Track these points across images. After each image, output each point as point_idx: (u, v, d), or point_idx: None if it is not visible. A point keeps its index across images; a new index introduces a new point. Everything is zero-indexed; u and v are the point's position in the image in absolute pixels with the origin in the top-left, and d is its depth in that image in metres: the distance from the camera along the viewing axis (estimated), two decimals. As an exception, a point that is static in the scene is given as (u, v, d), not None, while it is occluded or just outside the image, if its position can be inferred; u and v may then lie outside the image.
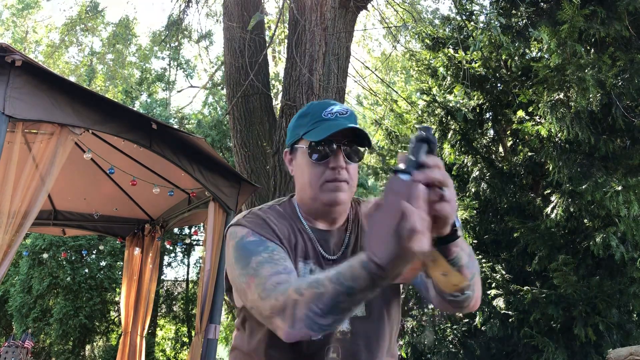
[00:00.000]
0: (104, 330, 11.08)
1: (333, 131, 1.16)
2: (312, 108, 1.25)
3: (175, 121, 12.87)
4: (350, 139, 1.20)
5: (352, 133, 1.20)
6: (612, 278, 4.91)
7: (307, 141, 1.20)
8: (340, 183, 1.19)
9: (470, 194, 5.76)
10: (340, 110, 1.22)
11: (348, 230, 1.28)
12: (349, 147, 1.20)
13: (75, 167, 4.41)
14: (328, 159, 1.19)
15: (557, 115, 4.83)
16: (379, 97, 9.55)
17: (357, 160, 1.23)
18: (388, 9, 8.93)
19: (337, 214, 1.25)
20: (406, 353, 5.84)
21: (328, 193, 1.19)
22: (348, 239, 1.26)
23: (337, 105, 1.24)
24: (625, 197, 4.44)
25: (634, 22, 4.89)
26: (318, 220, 1.26)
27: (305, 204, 1.26)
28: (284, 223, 1.23)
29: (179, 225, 6.96)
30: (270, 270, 1.06)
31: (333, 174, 1.18)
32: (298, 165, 1.25)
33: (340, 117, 1.20)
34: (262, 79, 5.77)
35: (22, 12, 15.69)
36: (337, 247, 1.25)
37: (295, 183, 1.28)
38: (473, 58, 5.76)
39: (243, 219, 1.21)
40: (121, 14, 31.54)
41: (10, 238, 2.75)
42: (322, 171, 1.19)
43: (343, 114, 1.21)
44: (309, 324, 0.95)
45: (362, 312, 1.19)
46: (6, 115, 2.73)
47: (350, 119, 1.21)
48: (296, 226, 1.24)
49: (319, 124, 1.20)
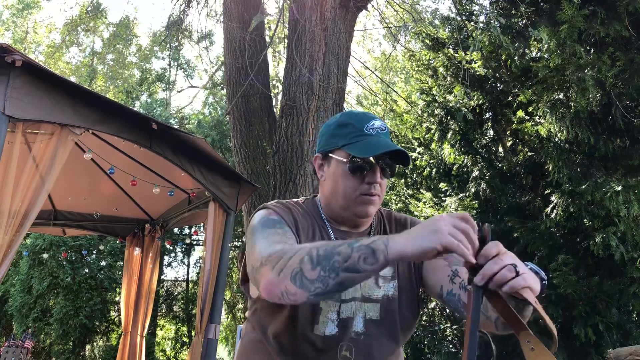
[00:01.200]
0: (104, 330, 11.09)
1: (381, 151, 1.20)
2: (352, 119, 1.28)
3: (176, 121, 12.88)
4: (389, 156, 1.24)
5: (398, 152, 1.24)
6: (612, 278, 4.91)
7: (347, 154, 1.23)
8: (373, 197, 1.24)
9: (470, 194, 5.77)
10: (381, 126, 1.26)
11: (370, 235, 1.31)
12: (389, 164, 1.25)
13: (75, 167, 4.41)
14: (365, 173, 1.23)
15: (557, 115, 4.84)
16: (379, 97, 9.55)
17: (390, 176, 1.28)
18: (388, 9, 8.94)
19: (363, 222, 1.30)
20: (406, 353, 5.84)
21: (361, 206, 1.24)
22: None
23: (378, 120, 1.27)
24: (625, 197, 4.44)
25: (633, 22, 4.89)
26: (342, 223, 1.31)
27: (333, 209, 1.30)
28: (307, 219, 1.28)
29: (179, 225, 6.97)
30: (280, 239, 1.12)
31: (369, 189, 1.23)
32: (332, 173, 1.28)
33: (380, 133, 1.25)
34: (262, 79, 5.77)
35: (22, 12, 15.70)
36: None
37: (323, 188, 1.32)
38: (473, 58, 5.76)
39: (270, 204, 1.27)
40: (121, 14, 31.57)
41: (10, 238, 2.75)
42: (358, 184, 1.23)
43: (383, 130, 1.26)
44: (294, 276, 0.96)
45: (377, 316, 1.22)
46: (6, 115, 2.73)
47: (388, 135, 1.27)
48: (318, 224, 1.29)
49: (362, 138, 1.23)
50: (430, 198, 5.91)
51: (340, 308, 1.20)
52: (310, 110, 4.85)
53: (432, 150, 6.41)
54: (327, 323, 1.19)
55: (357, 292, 1.22)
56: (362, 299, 1.22)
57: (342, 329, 1.19)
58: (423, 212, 5.85)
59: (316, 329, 1.18)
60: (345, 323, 1.20)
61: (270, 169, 5.10)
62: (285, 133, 4.82)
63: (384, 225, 1.35)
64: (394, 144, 1.23)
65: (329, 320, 1.19)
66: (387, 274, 1.25)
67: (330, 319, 1.19)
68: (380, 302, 1.22)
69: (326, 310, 1.19)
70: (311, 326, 1.18)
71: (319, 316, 1.19)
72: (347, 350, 1.18)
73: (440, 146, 6.22)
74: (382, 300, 1.23)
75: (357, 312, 1.21)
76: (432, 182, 6.48)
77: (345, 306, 1.21)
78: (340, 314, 1.20)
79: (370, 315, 1.21)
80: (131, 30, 11.86)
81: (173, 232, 11.30)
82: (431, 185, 6.46)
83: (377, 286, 1.23)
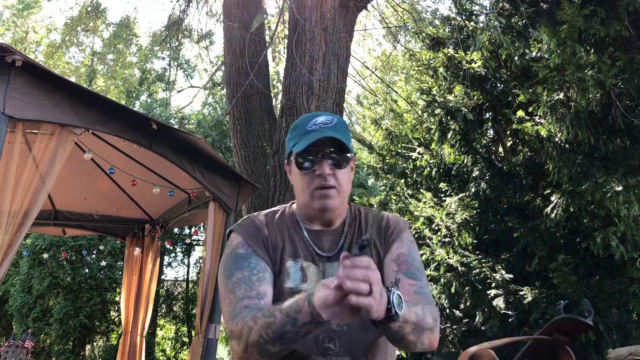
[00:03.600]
0: (104, 330, 11.09)
1: (310, 142, 1.24)
2: (300, 120, 1.34)
3: (176, 121, 12.88)
4: (336, 147, 1.27)
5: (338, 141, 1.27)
6: (612, 278, 4.90)
7: (296, 154, 1.29)
8: (327, 190, 1.27)
9: (470, 194, 5.76)
10: (325, 120, 1.29)
11: (344, 232, 1.35)
12: (335, 155, 1.27)
13: (75, 167, 4.41)
14: (314, 168, 1.27)
15: (557, 115, 4.83)
16: (379, 97, 9.55)
17: (345, 166, 1.30)
18: (388, 9, 8.94)
19: (332, 217, 1.33)
20: (406, 353, 5.84)
21: (318, 200, 1.28)
22: (343, 240, 1.34)
23: (323, 116, 1.31)
24: (625, 197, 4.44)
25: (633, 22, 4.88)
26: (314, 222, 1.35)
27: (302, 209, 1.37)
28: (277, 228, 1.34)
29: (179, 225, 6.97)
30: (244, 293, 1.20)
31: (320, 182, 1.27)
32: (293, 175, 1.34)
33: (324, 127, 1.28)
34: (262, 79, 5.77)
35: (23, 12, 15.69)
36: (333, 245, 1.34)
37: (294, 191, 1.38)
38: (473, 58, 5.76)
39: (240, 226, 1.35)
40: (121, 14, 31.57)
41: (10, 238, 2.75)
42: (311, 180, 1.28)
43: (327, 124, 1.29)
44: (259, 350, 1.09)
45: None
46: (6, 115, 2.73)
47: (335, 128, 1.28)
48: (292, 228, 1.35)
49: (304, 136, 1.28)
50: (430, 198, 5.90)
51: None
52: (310, 110, 4.85)
53: (432, 150, 6.40)
54: None
55: None
56: None
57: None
58: (423, 212, 5.85)
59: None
60: None
61: (270, 169, 5.10)
62: (285, 133, 4.81)
63: (359, 222, 1.37)
64: (331, 133, 1.25)
65: None
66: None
67: None
68: None
69: None
70: None
71: None
72: (330, 342, 1.22)
73: (440, 146, 6.21)
74: None
75: None
76: (432, 182, 6.47)
77: None
78: None
79: None
80: (131, 30, 11.85)
81: (173, 232, 11.30)
82: (431, 185, 6.45)
83: None
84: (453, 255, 5.37)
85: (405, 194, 6.33)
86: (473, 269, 5.24)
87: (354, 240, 1.33)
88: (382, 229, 1.36)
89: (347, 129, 1.33)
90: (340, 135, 1.27)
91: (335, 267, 1.29)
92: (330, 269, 1.29)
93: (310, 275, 1.29)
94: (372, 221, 1.38)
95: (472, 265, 5.25)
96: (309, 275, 1.29)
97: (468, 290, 5.28)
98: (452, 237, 5.57)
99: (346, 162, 1.30)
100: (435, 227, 5.76)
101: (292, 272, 1.28)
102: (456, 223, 5.55)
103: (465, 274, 5.28)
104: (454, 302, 5.52)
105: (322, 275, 1.29)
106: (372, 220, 1.38)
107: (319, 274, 1.29)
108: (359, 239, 1.31)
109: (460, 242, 5.51)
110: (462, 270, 5.28)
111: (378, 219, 1.38)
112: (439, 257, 5.42)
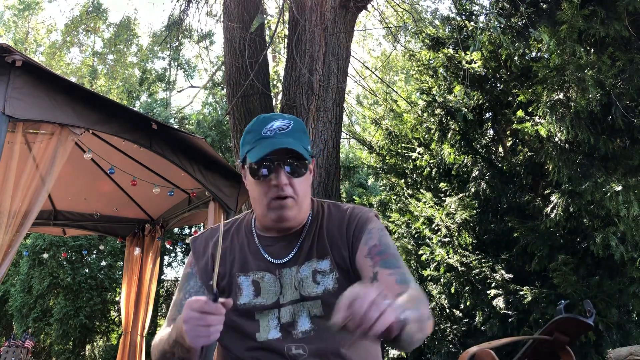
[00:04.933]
0: (104, 330, 11.09)
1: (265, 152, 1.17)
2: (255, 124, 1.26)
3: (176, 121, 12.87)
4: (292, 155, 1.20)
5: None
6: (612, 278, 4.90)
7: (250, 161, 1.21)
8: (283, 200, 1.20)
9: (470, 194, 5.76)
10: (281, 125, 1.22)
11: (302, 234, 1.28)
12: (292, 162, 1.20)
13: (75, 167, 4.41)
14: (270, 177, 1.20)
15: (557, 115, 4.83)
16: (379, 97, 9.55)
17: (303, 173, 1.23)
18: (388, 9, 8.94)
19: (288, 226, 1.27)
20: (406, 353, 5.84)
21: (273, 211, 1.22)
22: (300, 243, 1.27)
23: (279, 120, 1.23)
24: (625, 197, 4.43)
25: (633, 22, 4.89)
26: (268, 231, 1.30)
27: (258, 218, 1.31)
28: (230, 241, 1.32)
29: (179, 225, 6.97)
30: (172, 315, 1.29)
31: (276, 192, 1.19)
32: (248, 182, 1.27)
33: (279, 133, 1.20)
34: (262, 79, 5.77)
35: (23, 13, 15.70)
36: (288, 250, 1.27)
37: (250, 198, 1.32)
38: (473, 58, 5.76)
39: (195, 240, 1.37)
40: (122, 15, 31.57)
41: (10, 238, 2.75)
42: (267, 189, 1.21)
43: (283, 129, 1.21)
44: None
45: (320, 312, 1.22)
46: (6, 115, 2.73)
47: (291, 134, 1.21)
48: (245, 239, 1.31)
49: (259, 142, 1.20)
50: (430, 198, 5.90)
51: (279, 313, 1.22)
52: (310, 110, 4.85)
53: (432, 150, 6.40)
54: (269, 330, 1.22)
55: (295, 294, 1.23)
56: (302, 299, 1.22)
57: (285, 333, 1.21)
58: (423, 212, 5.85)
59: (258, 336, 1.21)
60: (288, 327, 1.21)
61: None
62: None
63: (320, 222, 1.30)
64: (287, 142, 1.18)
65: (271, 327, 1.22)
66: (325, 267, 1.24)
67: (272, 325, 1.22)
68: (322, 298, 1.22)
69: (265, 319, 1.22)
70: (254, 335, 1.22)
71: (258, 326, 1.22)
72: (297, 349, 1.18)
73: (440, 146, 6.21)
74: (323, 295, 1.22)
75: (299, 313, 1.22)
76: (432, 182, 6.47)
77: (284, 310, 1.22)
78: (280, 319, 1.22)
79: (314, 312, 1.21)
80: (132, 30, 11.86)
81: (173, 232, 11.30)
82: (431, 185, 6.45)
83: (316, 283, 1.23)
84: (453, 255, 5.37)
85: (405, 194, 6.33)
86: (473, 268, 5.24)
87: (315, 242, 1.27)
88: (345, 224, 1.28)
89: (304, 133, 1.26)
90: (297, 142, 1.20)
91: (293, 272, 1.24)
92: (288, 274, 1.25)
93: (265, 286, 1.24)
94: (336, 219, 1.30)
95: (472, 265, 5.25)
96: (265, 287, 1.25)
97: (468, 290, 5.28)
98: (452, 237, 5.57)
99: (304, 169, 1.23)
100: (435, 227, 5.76)
101: (244, 288, 1.25)
102: (456, 223, 5.56)
103: (465, 274, 5.28)
104: (453, 302, 5.52)
105: (279, 283, 1.24)
106: (335, 218, 1.30)
107: (275, 281, 1.24)
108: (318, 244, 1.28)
109: (460, 242, 5.51)
110: (462, 270, 5.28)
111: (341, 215, 1.31)
112: (439, 257, 5.42)
